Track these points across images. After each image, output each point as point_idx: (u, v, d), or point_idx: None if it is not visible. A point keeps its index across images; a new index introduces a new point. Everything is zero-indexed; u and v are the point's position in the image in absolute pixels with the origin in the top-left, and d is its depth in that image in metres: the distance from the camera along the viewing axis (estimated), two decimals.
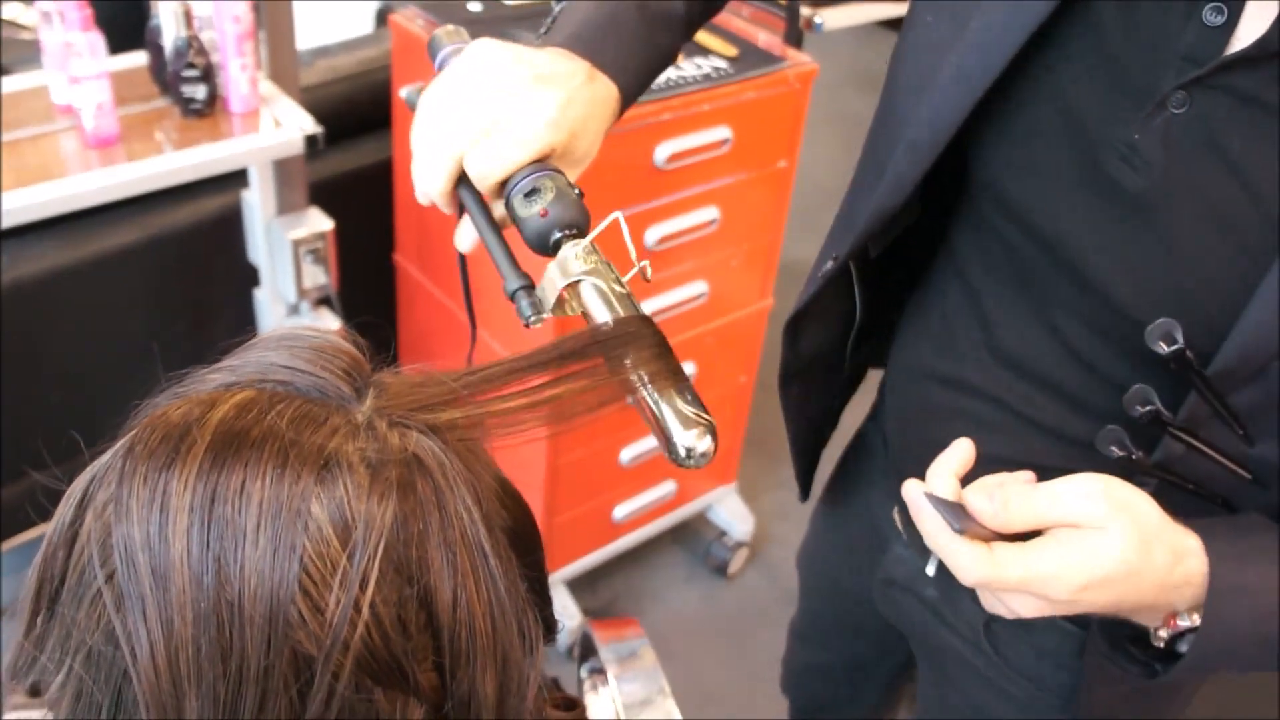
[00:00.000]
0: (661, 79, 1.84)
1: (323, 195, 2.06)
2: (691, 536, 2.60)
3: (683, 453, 0.66)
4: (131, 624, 0.53)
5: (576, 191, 0.78)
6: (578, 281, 0.74)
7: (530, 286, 0.76)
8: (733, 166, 1.99)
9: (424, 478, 0.56)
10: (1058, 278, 0.85)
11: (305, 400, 0.58)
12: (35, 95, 1.78)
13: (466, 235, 0.84)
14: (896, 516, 1.09)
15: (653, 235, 1.93)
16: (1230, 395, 0.74)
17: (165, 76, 1.80)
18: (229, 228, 2.08)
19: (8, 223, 1.55)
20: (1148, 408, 0.78)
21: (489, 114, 0.77)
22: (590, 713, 1.30)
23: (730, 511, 2.54)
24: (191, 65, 1.74)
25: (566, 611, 2.30)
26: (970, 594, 1.02)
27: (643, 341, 0.68)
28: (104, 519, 0.55)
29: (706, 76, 1.88)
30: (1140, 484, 0.73)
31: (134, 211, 2.00)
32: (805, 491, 1.24)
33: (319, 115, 1.88)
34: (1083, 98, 0.79)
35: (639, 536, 2.43)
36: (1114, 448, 0.82)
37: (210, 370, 0.62)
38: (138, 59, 1.90)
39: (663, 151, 1.85)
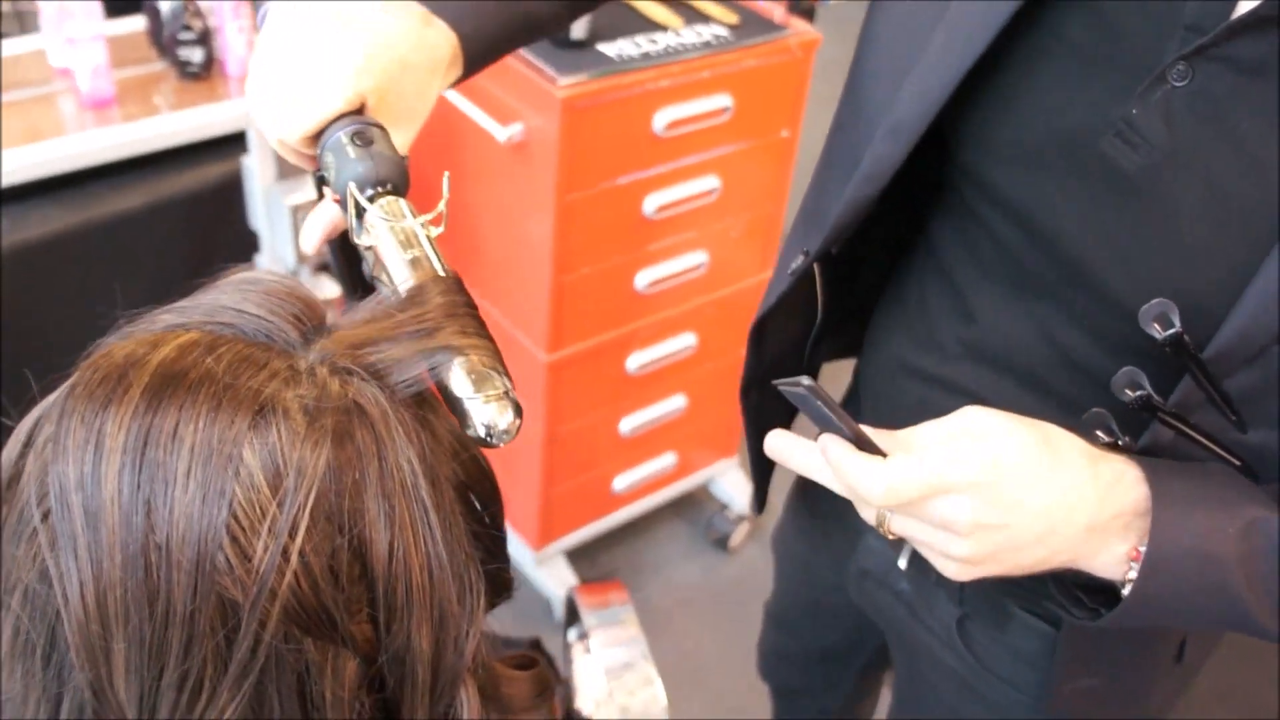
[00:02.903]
0: (660, 45, 1.83)
1: None
2: (693, 509, 2.59)
3: (483, 432, 0.61)
4: (64, 564, 0.53)
5: (393, 150, 0.73)
6: (378, 239, 0.70)
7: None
8: (733, 135, 1.97)
9: (365, 427, 0.56)
10: (1045, 267, 0.82)
11: (247, 344, 0.57)
12: (33, 58, 1.78)
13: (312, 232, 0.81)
14: None
15: (651, 203, 1.92)
16: (1224, 380, 0.72)
17: (162, 40, 1.80)
18: (231, 194, 2.08)
19: (9, 182, 1.55)
20: (1139, 392, 0.76)
21: (291, 67, 0.75)
22: (577, 677, 1.31)
23: (732, 484, 2.53)
24: (188, 28, 1.74)
25: (564, 582, 2.30)
26: (944, 591, 1.02)
27: (444, 308, 0.64)
28: (42, 457, 0.55)
29: (706, 44, 1.86)
30: None
31: (137, 177, 2.00)
32: (761, 504, 1.18)
33: None
34: (1075, 74, 0.75)
35: (640, 508, 2.43)
36: (1099, 432, 0.79)
37: (163, 310, 0.61)
38: (136, 23, 1.90)
39: (661, 118, 1.84)
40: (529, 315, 1.97)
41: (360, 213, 0.70)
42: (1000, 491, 0.68)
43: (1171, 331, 0.72)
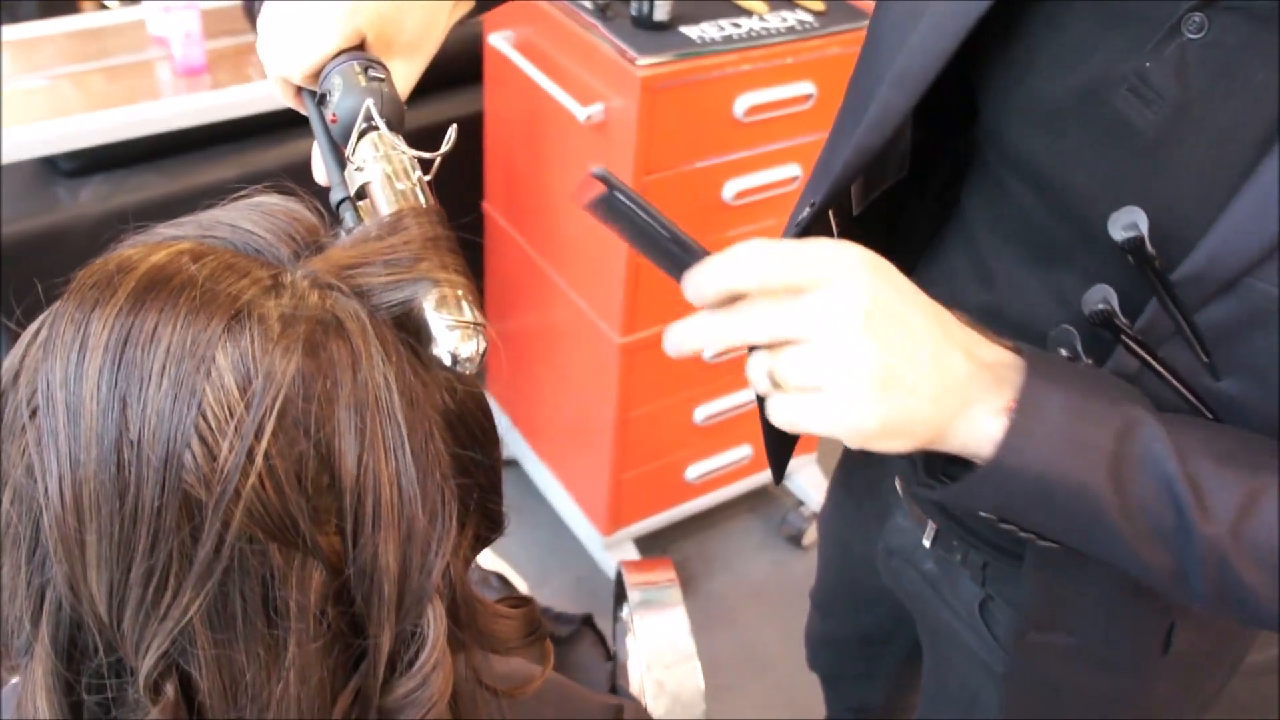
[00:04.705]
0: (743, 29, 1.82)
1: (416, 144, 2.09)
2: (768, 503, 2.57)
3: (448, 359, 0.61)
4: (46, 459, 0.55)
5: (391, 87, 0.74)
6: (368, 176, 0.70)
7: (358, 197, 0.71)
8: (816, 124, 1.95)
9: (341, 339, 0.56)
10: (1061, 229, 0.80)
11: (234, 254, 0.59)
12: (134, 27, 1.85)
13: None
14: (898, 483, 1.05)
15: (731, 189, 1.91)
16: (1196, 312, 0.68)
17: (255, 13, 1.85)
18: None
19: (96, 141, 1.61)
20: (1101, 305, 0.72)
21: (293, 7, 0.76)
22: (623, 652, 1.31)
23: (809, 481, 2.51)
24: None
25: None
26: (967, 572, 0.99)
27: (427, 239, 0.64)
28: (34, 357, 0.57)
29: (790, 29, 1.84)
30: None
31: (230, 150, 2.07)
32: (778, 476, 1.12)
33: None
34: (1094, 28, 0.73)
35: (713, 499, 2.41)
36: (1062, 349, 0.76)
37: (166, 225, 0.63)
38: None
39: (742, 103, 1.83)
40: (604, 296, 1.97)
41: (362, 134, 0.71)
42: (888, 278, 0.63)
43: (1132, 235, 0.68)
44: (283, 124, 1.96)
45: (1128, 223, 0.69)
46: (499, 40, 2.02)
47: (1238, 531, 0.65)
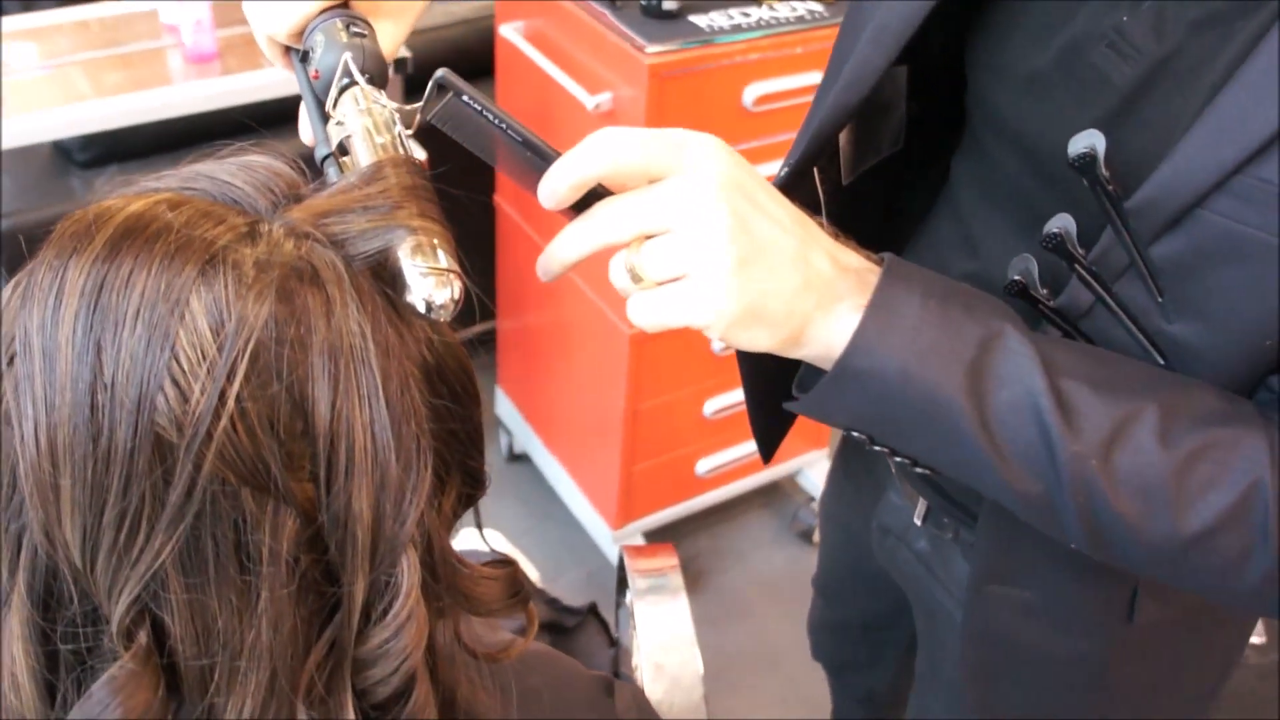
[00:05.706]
0: (752, 18, 1.82)
1: (428, 137, 2.10)
2: (780, 499, 2.56)
3: (422, 306, 0.60)
4: (22, 405, 0.55)
5: (375, 44, 0.74)
6: (349, 130, 0.69)
7: (341, 153, 0.71)
8: None
9: (315, 286, 0.56)
10: (1044, 194, 0.78)
11: (211, 203, 0.59)
12: (147, 17, 1.87)
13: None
14: (891, 460, 1.04)
15: None
16: (1151, 245, 0.67)
17: None
18: None
19: (107, 126, 1.63)
20: (1055, 229, 0.70)
21: None
22: (626, 639, 1.30)
23: (821, 476, 2.49)
24: None
25: None
26: (959, 549, 0.99)
27: (406, 188, 0.63)
28: (13, 306, 0.57)
29: (800, 19, 1.84)
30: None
31: (243, 142, 2.08)
32: (765, 454, 1.10)
33: (429, 58, 1.90)
34: None
35: (724, 494, 2.41)
36: (1017, 276, 0.74)
37: (148, 178, 0.63)
38: None
39: (751, 93, 1.83)
40: (612, 286, 1.97)
41: (344, 89, 0.72)
42: (750, 169, 0.62)
43: (1083, 151, 0.67)
44: (295, 116, 1.97)
45: (1087, 144, 0.68)
46: (510, 31, 2.02)
47: (1109, 456, 0.63)
